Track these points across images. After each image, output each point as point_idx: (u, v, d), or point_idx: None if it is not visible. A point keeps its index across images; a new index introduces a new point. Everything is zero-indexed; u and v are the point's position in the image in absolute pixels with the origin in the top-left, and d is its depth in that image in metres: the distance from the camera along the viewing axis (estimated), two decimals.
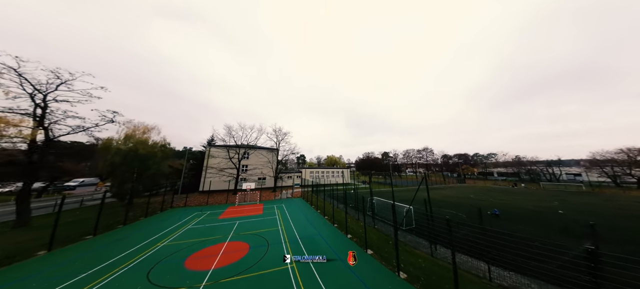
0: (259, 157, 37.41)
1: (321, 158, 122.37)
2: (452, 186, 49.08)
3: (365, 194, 23.53)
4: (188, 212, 19.04)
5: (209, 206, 22.00)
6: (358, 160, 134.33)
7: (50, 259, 9.13)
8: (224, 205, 22.65)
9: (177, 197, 25.98)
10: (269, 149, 38.96)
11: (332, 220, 15.95)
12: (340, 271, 7.88)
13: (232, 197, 25.42)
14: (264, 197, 27.74)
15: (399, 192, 33.27)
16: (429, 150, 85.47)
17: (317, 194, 25.35)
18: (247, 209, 20.02)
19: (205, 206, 21.97)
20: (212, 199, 26.53)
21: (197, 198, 26.33)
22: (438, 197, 28.63)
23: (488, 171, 73.31)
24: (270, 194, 30.37)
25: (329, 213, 17.63)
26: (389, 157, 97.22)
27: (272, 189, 34.56)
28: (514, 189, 41.19)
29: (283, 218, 17.02)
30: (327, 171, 50.18)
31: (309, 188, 34.38)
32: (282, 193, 31.58)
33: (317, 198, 23.75)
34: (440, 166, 75.73)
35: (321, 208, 20.07)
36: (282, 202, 24.91)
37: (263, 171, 38.05)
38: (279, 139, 36.55)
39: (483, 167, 75.42)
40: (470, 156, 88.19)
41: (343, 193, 18.91)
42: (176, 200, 23.73)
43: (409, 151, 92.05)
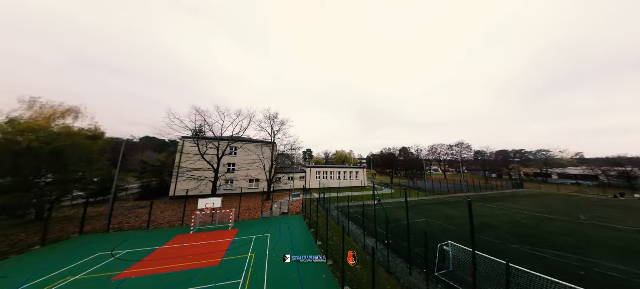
0: (248, 154, 29.58)
1: (329, 153, 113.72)
2: (509, 192, 38.22)
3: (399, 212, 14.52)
4: (97, 246, 11.51)
5: (148, 232, 14.37)
6: (371, 156, 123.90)
7: None
8: (176, 229, 14.94)
9: (120, 214, 18.81)
10: (261, 142, 30.97)
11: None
12: None
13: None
14: (248, 213, 19.79)
15: (440, 203, 23.49)
16: (466, 145, 73.08)
17: (326, 205, 17.00)
18: (202, 248, 12.07)
19: (140, 232, 14.35)
20: (173, 213, 19.12)
21: (135, 218, 19.03)
22: (509, 218, 18.83)
23: (547, 172, 60.14)
24: (257, 207, 22.38)
25: (348, 248, 8.98)
26: (409, 153, 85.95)
27: (266, 196, 26.66)
28: (621, 201, 29.81)
29: (258, 274, 8.83)
30: (338, 171, 41.48)
31: (313, 197, 25.99)
32: (273, 209, 23.42)
33: (324, 217, 15.34)
34: (481, 164, 63.71)
35: (335, 245, 11.72)
36: (270, 222, 16.81)
37: (250, 173, 30.17)
38: (274, 130, 28.29)
39: (541, 167, 62.08)
40: (511, 152, 74.49)
41: (364, 210, 10.24)
42: (119, 217, 16.47)
43: (435, 146, 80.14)
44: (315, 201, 25.54)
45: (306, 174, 38.02)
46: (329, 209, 21.25)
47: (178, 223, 16.11)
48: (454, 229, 15.85)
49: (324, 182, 38.72)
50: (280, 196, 28.87)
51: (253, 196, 28.48)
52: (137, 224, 15.77)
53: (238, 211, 18.60)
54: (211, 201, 13.79)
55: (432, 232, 14.98)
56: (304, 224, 16.87)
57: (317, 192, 32.23)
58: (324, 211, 20.55)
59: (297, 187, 36.99)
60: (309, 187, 37.42)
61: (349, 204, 19.14)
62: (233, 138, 25.51)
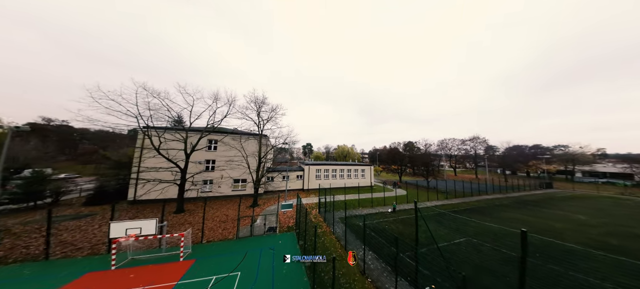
0: (229, 149, 24.32)
1: (330, 148, 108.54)
2: (540, 193, 33.29)
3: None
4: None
5: (46, 265, 9.24)
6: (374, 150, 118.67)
7: None
8: (95, 259, 9.82)
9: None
10: (245, 134, 25.70)
11: None
12: None
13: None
14: (222, 228, 14.69)
15: (470, 210, 18.05)
16: (482, 139, 67.78)
17: (328, 211, 12.03)
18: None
19: (33, 265, 9.23)
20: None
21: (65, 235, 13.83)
22: (585, 235, 13.66)
23: (574, 169, 55.13)
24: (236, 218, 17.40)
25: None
26: (416, 148, 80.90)
27: (253, 199, 21.64)
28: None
29: None
30: (341, 169, 36.37)
31: (312, 201, 20.88)
32: (257, 222, 18.51)
33: (327, 234, 10.43)
34: (499, 161, 58.51)
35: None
36: (249, 244, 11.77)
37: (230, 173, 25.06)
38: (261, 118, 22.90)
39: (566, 164, 56.97)
40: (525, 148, 69.41)
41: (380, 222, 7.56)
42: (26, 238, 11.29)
43: (446, 140, 74.97)
44: (313, 209, 20.48)
45: (304, 172, 32.92)
46: (332, 220, 16.22)
47: (105, 248, 10.96)
48: (511, 256, 10.80)
49: (325, 183, 33.68)
50: (272, 200, 23.81)
51: (236, 201, 23.46)
52: (35, 252, 10.55)
53: (202, 227, 13.39)
54: (137, 225, 8.66)
55: (488, 264, 9.96)
56: (296, 248, 11.84)
57: (316, 195, 27.19)
58: (328, 227, 15.51)
59: (294, 188, 31.97)
60: (308, 188, 32.41)
61: (363, 220, 14.08)
62: (207, 129, 20.22)
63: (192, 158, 22.02)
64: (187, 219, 16.41)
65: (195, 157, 22.55)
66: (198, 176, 22.42)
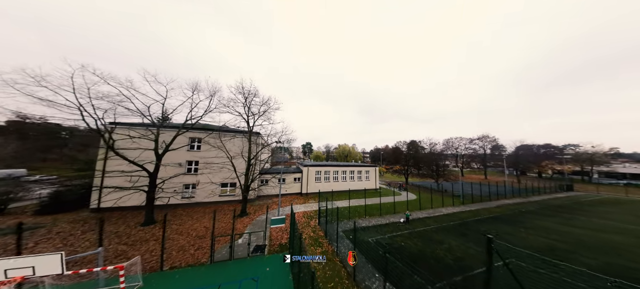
0: (211, 149, 21.19)
1: (331, 147, 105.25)
2: (564, 196, 30.34)
3: None
4: None
5: None
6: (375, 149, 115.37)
7: None
8: None
9: None
10: (230, 131, 22.61)
11: None
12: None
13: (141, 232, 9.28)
14: (196, 247, 11.59)
15: (493, 219, 14.81)
16: (491, 138, 64.70)
17: (329, 225, 9.17)
18: None
19: None
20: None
21: None
22: None
23: (591, 170, 52.22)
24: (213, 235, 14.40)
25: None
26: (419, 147, 77.79)
27: (241, 206, 18.57)
28: None
29: None
30: (344, 170, 33.27)
31: (310, 209, 17.59)
32: (239, 241, 15.55)
33: (332, 260, 7.22)
34: (513, 161, 55.47)
35: None
36: (225, 271, 8.69)
37: (210, 177, 22.01)
38: (251, 112, 19.78)
39: (583, 164, 54.01)
40: (535, 147, 66.49)
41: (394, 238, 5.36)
42: None
43: (452, 139, 71.87)
44: (312, 219, 17.40)
45: (302, 174, 29.85)
46: (336, 234, 13.17)
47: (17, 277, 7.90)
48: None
49: (326, 186, 30.63)
50: (265, 207, 20.68)
51: (223, 207, 20.36)
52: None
53: (161, 250, 10.18)
54: (27, 262, 5.54)
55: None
56: (288, 280, 8.80)
57: (316, 200, 24.14)
58: (331, 246, 12.46)
59: (291, 192, 28.91)
60: (307, 192, 29.34)
61: (384, 248, 11.10)
62: (185, 125, 17.13)
63: (171, 159, 19.00)
64: (155, 235, 13.33)
65: (174, 158, 19.52)
66: (177, 180, 19.36)
